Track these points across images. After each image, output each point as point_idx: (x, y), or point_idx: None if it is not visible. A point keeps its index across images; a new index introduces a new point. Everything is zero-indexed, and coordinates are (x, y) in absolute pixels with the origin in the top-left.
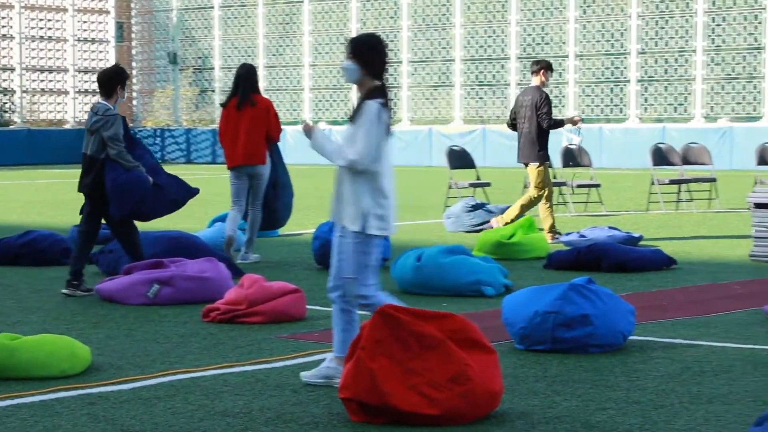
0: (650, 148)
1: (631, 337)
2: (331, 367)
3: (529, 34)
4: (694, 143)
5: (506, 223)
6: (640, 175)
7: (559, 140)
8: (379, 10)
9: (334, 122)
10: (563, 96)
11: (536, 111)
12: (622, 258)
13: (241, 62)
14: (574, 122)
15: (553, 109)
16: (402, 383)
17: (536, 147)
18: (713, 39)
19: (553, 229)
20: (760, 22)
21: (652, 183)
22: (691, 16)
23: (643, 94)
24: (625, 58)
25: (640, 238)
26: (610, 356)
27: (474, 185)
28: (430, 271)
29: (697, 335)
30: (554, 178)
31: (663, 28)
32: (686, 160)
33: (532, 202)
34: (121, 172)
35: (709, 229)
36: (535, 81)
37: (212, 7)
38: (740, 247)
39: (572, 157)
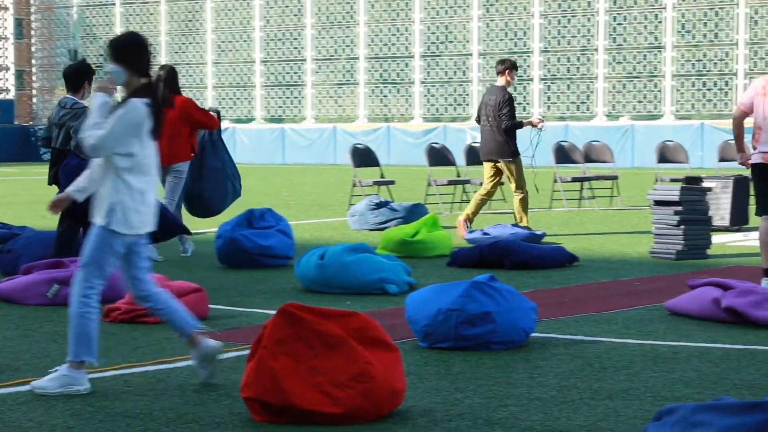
0: (553, 146)
1: (533, 334)
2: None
3: (433, 33)
4: (596, 141)
5: (526, 226)
6: (544, 172)
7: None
8: (283, 7)
9: (238, 120)
10: (467, 94)
11: (498, 111)
12: (524, 255)
13: None
14: (533, 124)
15: (466, 107)
16: (304, 382)
17: (505, 144)
18: (615, 38)
19: (469, 218)
20: (660, 21)
21: (555, 181)
22: (592, 15)
23: (546, 93)
24: (528, 56)
25: (543, 235)
26: (512, 353)
27: (378, 183)
28: (333, 269)
29: (598, 332)
30: (458, 176)
31: (565, 27)
32: (588, 158)
33: (525, 197)
34: (74, 158)
35: (611, 226)
36: (501, 81)
37: (114, 4)
38: (641, 244)
39: (475, 155)
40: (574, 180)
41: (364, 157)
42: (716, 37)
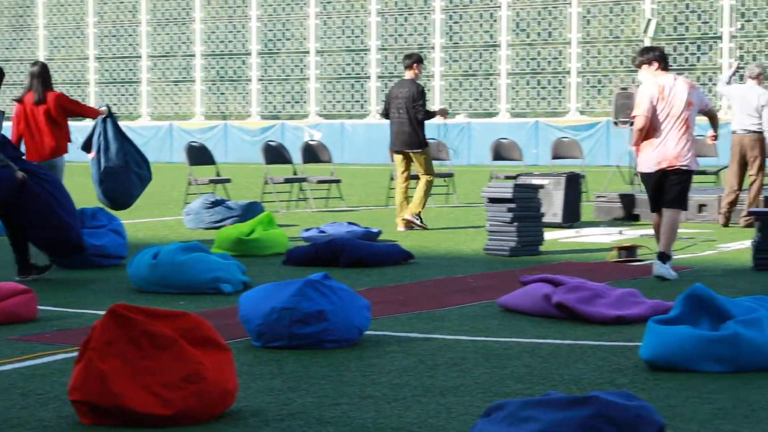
0: (388, 144)
1: (367, 332)
2: None
3: (270, 30)
4: (432, 139)
5: (417, 215)
6: (381, 170)
7: (374, 136)
8: (117, 3)
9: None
10: (304, 92)
11: (413, 103)
12: (360, 253)
13: None
14: (444, 114)
15: (304, 105)
16: (134, 384)
17: (417, 135)
18: (451, 36)
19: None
20: (495, 20)
21: (392, 178)
22: (429, 13)
23: (383, 90)
24: (365, 54)
25: (379, 233)
26: (346, 351)
27: (214, 182)
28: (166, 268)
29: (431, 329)
30: (294, 174)
31: (402, 25)
32: None
33: (429, 186)
34: None
35: (447, 223)
36: (409, 74)
37: None
38: (476, 241)
39: (312, 153)
40: (411, 177)
41: (199, 155)
42: (550, 36)
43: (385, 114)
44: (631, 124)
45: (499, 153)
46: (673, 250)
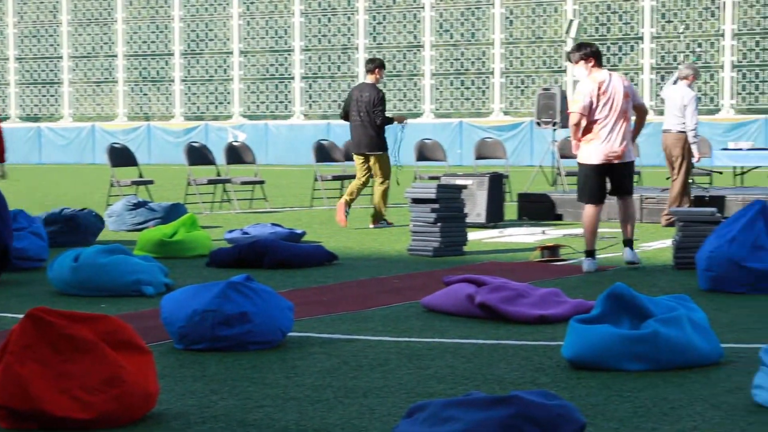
0: (313, 145)
1: (290, 334)
2: None
3: (193, 30)
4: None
5: (383, 219)
6: (305, 171)
7: (298, 137)
8: (38, 3)
9: None
10: (228, 93)
11: (373, 107)
12: (284, 254)
13: None
14: (401, 120)
15: (228, 106)
16: (53, 387)
17: (377, 138)
18: (374, 37)
19: (347, 203)
20: (419, 21)
21: (316, 179)
22: (353, 13)
23: (307, 91)
24: (289, 54)
25: (303, 234)
26: (269, 353)
27: (136, 183)
28: (88, 271)
29: (355, 330)
30: (218, 175)
31: (326, 25)
32: (348, 156)
33: (386, 192)
34: None
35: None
36: (370, 78)
37: None
38: (400, 242)
39: (236, 154)
40: (335, 178)
41: (121, 156)
42: (473, 37)
43: (344, 116)
44: (554, 124)
45: (423, 153)
46: (597, 248)
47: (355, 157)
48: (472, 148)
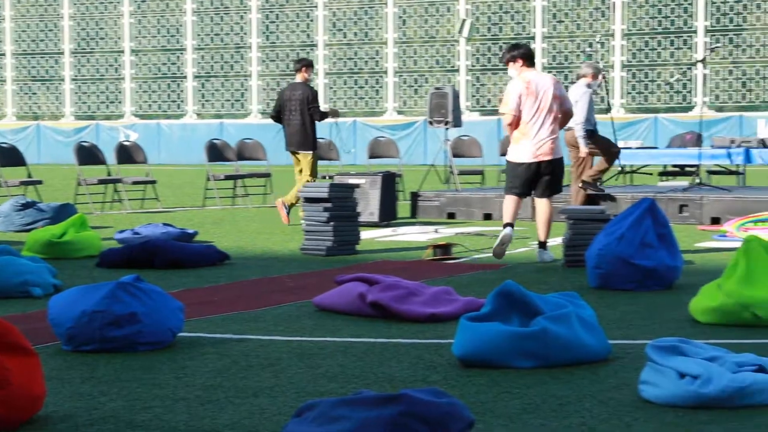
0: (205, 144)
1: (180, 334)
2: None
3: (83, 29)
4: (249, 139)
5: (289, 206)
6: (198, 171)
7: (190, 136)
8: None
9: None
10: (119, 92)
11: (307, 105)
12: (175, 254)
13: None
14: (335, 115)
15: (119, 105)
16: None
17: (308, 137)
18: (268, 36)
19: (285, 204)
20: (312, 20)
21: (208, 179)
22: (245, 12)
23: (200, 90)
24: (181, 53)
25: (195, 234)
26: (158, 354)
27: (25, 183)
28: None
29: (246, 329)
30: (109, 175)
31: (218, 24)
32: (241, 156)
33: None
34: None
35: (264, 223)
36: (299, 77)
37: None
38: (293, 241)
39: (127, 154)
40: (227, 178)
41: (9, 156)
42: (366, 36)
43: (275, 117)
44: (447, 123)
45: (316, 152)
46: (543, 243)
47: (291, 155)
48: (365, 147)
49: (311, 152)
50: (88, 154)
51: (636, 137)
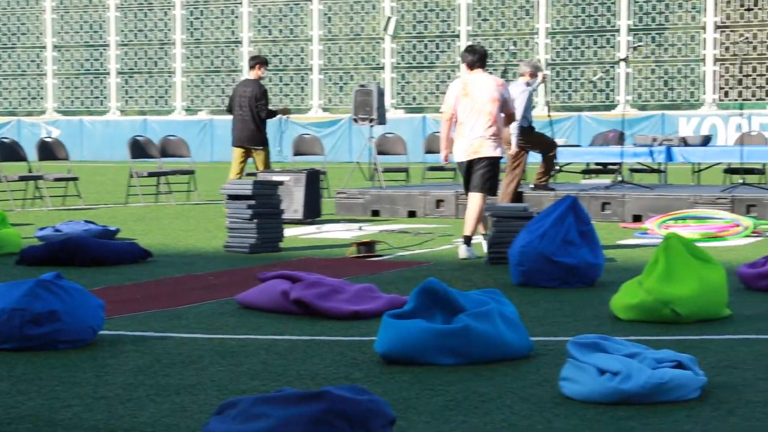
0: (128, 141)
1: (102, 332)
2: None
3: (5, 24)
4: (173, 136)
5: None
6: (120, 167)
7: (113, 133)
8: None
9: None
10: (41, 88)
11: (256, 102)
12: (97, 252)
13: None
14: (285, 113)
15: (41, 101)
16: None
17: (259, 133)
18: (192, 32)
19: None
20: (237, 17)
21: (131, 176)
22: (170, 8)
23: (123, 87)
24: (105, 50)
25: (117, 231)
26: (79, 352)
27: None
28: None
29: (168, 327)
30: (30, 171)
31: (142, 20)
32: (165, 153)
33: None
34: None
35: (187, 221)
36: (252, 75)
37: None
38: (216, 239)
39: (48, 150)
40: (151, 175)
41: None
42: (291, 33)
43: (229, 110)
44: (371, 120)
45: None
46: (467, 237)
47: (234, 150)
48: (290, 144)
49: (263, 148)
50: (9, 151)
51: (560, 135)
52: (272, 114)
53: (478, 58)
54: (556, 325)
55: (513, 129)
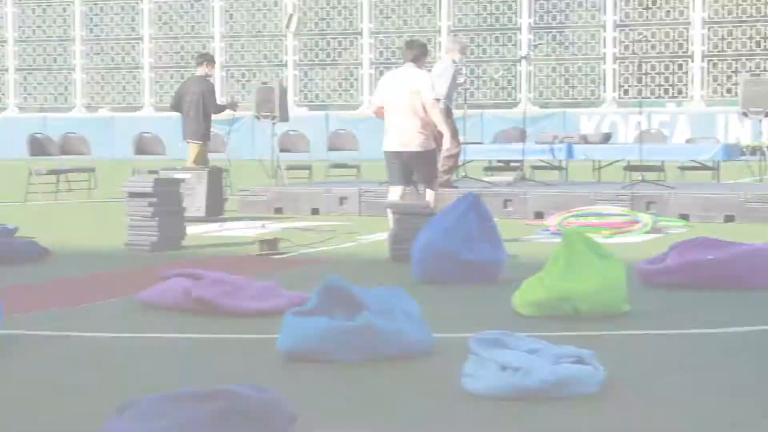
0: (27, 138)
1: (0, 331)
2: None
3: None
4: (73, 133)
5: None
6: (18, 165)
7: (11, 130)
8: None
9: None
10: None
11: (203, 99)
12: None
13: None
14: (233, 107)
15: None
16: None
17: (202, 128)
18: (92, 29)
19: None
20: (137, 13)
21: (30, 174)
22: (69, 4)
23: (22, 83)
24: (3, 46)
25: (16, 229)
26: None
27: None
28: None
29: (69, 326)
30: None
31: (41, 16)
32: (65, 150)
33: None
34: None
35: (88, 218)
36: (200, 72)
37: None
38: (117, 236)
39: None
40: (50, 172)
41: None
42: (193, 30)
43: (176, 108)
44: (274, 117)
45: (142, 147)
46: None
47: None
48: None
49: (199, 142)
50: None
51: (462, 132)
52: (221, 108)
53: (414, 53)
54: (458, 322)
55: (440, 106)
